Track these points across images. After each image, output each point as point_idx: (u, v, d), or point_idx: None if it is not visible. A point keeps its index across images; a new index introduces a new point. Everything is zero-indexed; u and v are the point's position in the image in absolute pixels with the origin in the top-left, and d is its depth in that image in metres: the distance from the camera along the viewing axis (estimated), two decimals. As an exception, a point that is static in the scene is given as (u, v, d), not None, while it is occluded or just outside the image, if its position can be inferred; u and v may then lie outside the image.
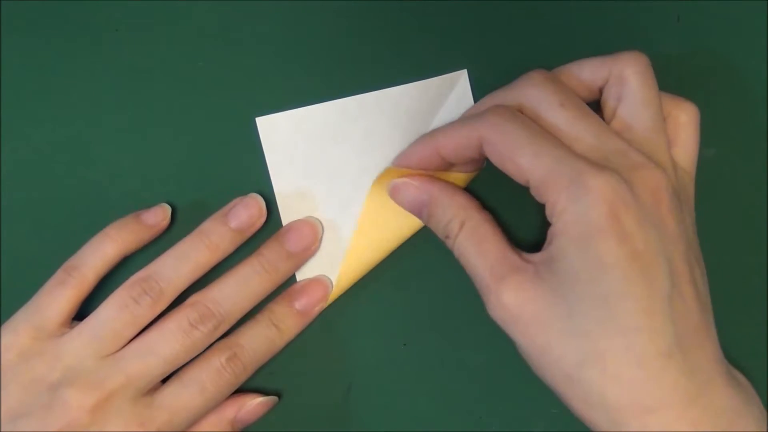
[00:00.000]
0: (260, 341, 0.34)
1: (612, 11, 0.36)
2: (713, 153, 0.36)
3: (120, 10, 0.36)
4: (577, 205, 0.27)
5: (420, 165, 0.33)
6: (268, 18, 0.36)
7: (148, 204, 0.35)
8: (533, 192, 0.29)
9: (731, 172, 0.36)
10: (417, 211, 0.34)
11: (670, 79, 0.36)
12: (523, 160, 0.29)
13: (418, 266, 0.36)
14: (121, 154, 0.36)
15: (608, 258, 0.27)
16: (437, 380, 0.36)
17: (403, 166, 0.34)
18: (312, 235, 0.35)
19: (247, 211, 0.34)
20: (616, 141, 0.29)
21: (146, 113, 0.36)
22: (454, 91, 0.36)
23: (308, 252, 0.35)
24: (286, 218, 0.36)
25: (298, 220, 0.35)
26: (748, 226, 0.36)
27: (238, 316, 0.33)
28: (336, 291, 0.35)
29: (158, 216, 0.34)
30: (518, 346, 0.30)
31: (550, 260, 0.29)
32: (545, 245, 0.29)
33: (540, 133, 0.29)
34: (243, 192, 0.35)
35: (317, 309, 0.35)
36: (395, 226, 0.35)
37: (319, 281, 0.35)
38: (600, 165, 0.28)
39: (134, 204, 0.35)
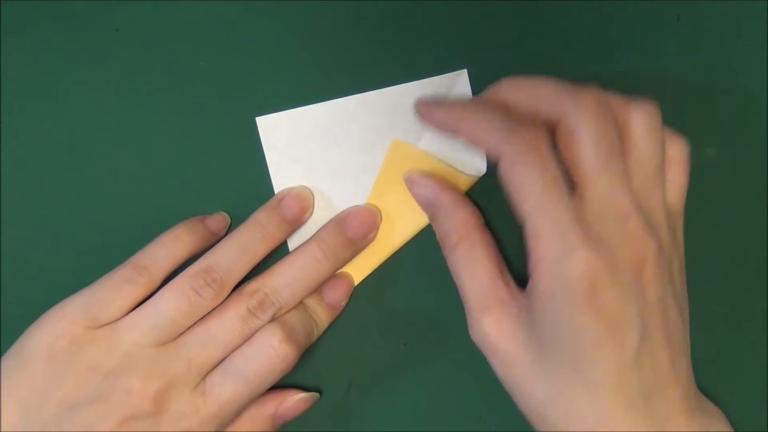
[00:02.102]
0: (304, 329, 0.33)
1: (612, 11, 0.36)
2: (713, 153, 0.36)
3: (120, 10, 0.36)
4: (559, 281, 0.28)
5: (436, 126, 0.33)
6: (269, 18, 0.36)
7: (148, 204, 0.35)
8: (524, 232, 0.29)
9: (731, 172, 0.36)
10: (425, 208, 0.34)
11: (670, 80, 0.36)
12: (526, 208, 0.29)
13: (418, 266, 0.36)
14: (121, 154, 0.36)
15: (583, 329, 0.28)
16: (437, 380, 0.36)
17: (422, 116, 0.33)
18: (372, 221, 0.35)
19: (298, 204, 0.34)
20: (623, 201, 0.29)
21: (146, 113, 0.36)
22: (454, 91, 0.36)
23: (368, 239, 0.35)
24: (286, 218, 0.36)
25: (358, 206, 0.35)
26: (748, 226, 0.36)
27: (294, 304, 0.33)
28: None
29: (220, 224, 0.35)
30: (494, 371, 0.31)
31: (531, 308, 0.29)
32: (527, 290, 0.30)
33: (552, 185, 0.28)
34: (243, 192, 0.35)
35: (343, 303, 0.35)
36: (396, 225, 0.36)
37: (342, 276, 0.35)
38: (592, 239, 0.28)
39: (134, 204, 0.35)
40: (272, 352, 0.32)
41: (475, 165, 0.36)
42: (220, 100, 0.36)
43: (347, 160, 0.36)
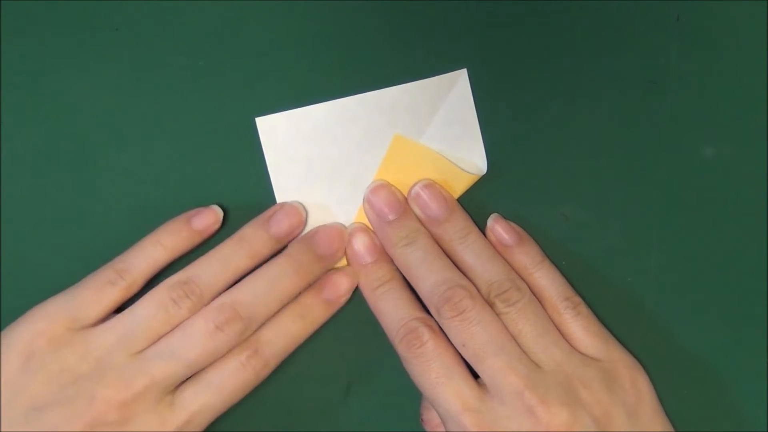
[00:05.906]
0: (285, 335, 0.33)
1: (612, 11, 0.36)
2: (713, 153, 0.36)
3: (120, 10, 0.36)
4: None
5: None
6: (268, 18, 0.36)
7: (148, 204, 0.35)
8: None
9: (731, 172, 0.36)
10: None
11: (671, 79, 0.36)
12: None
13: (418, 266, 0.36)
14: (120, 154, 0.36)
15: None
16: (437, 380, 0.36)
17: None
18: (340, 240, 0.35)
19: (288, 220, 0.34)
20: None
21: (146, 113, 0.36)
22: (453, 91, 0.36)
23: (336, 257, 0.35)
24: (286, 218, 0.36)
25: (326, 225, 0.35)
26: (748, 226, 0.36)
27: (265, 318, 0.33)
28: None
29: (209, 220, 0.34)
30: None
31: None
32: None
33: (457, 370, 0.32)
34: (243, 192, 0.35)
35: (343, 300, 0.35)
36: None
37: (346, 272, 0.35)
38: None
39: (134, 204, 0.35)
40: (243, 369, 0.32)
41: (476, 164, 0.36)
42: (220, 100, 0.36)
43: (347, 161, 0.36)
